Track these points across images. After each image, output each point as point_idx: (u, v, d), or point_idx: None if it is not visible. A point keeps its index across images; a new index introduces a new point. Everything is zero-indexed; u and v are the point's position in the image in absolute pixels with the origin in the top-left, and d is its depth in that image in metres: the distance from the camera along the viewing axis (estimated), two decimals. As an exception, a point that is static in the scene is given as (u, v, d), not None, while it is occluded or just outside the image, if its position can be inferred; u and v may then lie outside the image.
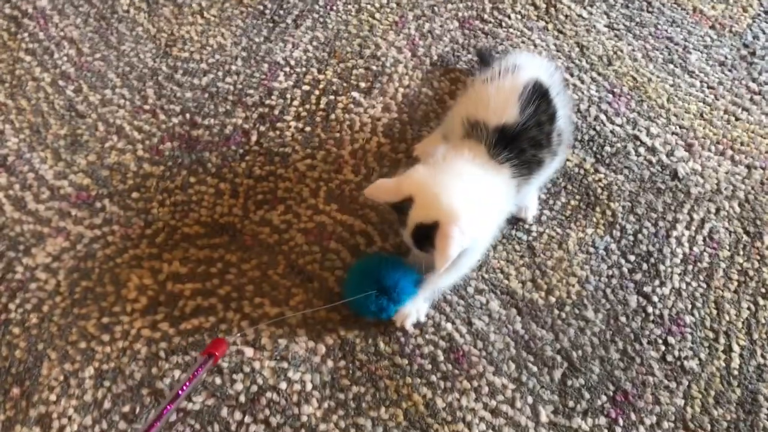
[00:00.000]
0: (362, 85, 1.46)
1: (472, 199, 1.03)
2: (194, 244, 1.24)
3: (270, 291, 1.19)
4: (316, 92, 1.45)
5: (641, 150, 1.39)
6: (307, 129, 1.39)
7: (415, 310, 1.15)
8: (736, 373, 1.16)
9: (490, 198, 1.08)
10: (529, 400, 1.12)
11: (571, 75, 1.50)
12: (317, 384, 1.11)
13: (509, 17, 1.60)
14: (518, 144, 1.08)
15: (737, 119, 1.46)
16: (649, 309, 1.21)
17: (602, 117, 1.43)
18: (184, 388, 0.97)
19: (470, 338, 1.17)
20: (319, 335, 1.15)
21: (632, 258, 1.26)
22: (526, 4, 1.63)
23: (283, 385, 1.11)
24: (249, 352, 1.13)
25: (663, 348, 1.17)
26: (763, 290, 1.24)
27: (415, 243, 1.05)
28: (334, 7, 1.59)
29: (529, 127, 1.08)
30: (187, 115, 1.39)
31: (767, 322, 1.21)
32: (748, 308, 1.22)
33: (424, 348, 1.15)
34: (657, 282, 1.24)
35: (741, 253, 1.28)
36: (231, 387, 1.10)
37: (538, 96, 1.09)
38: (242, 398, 1.09)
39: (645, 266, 1.25)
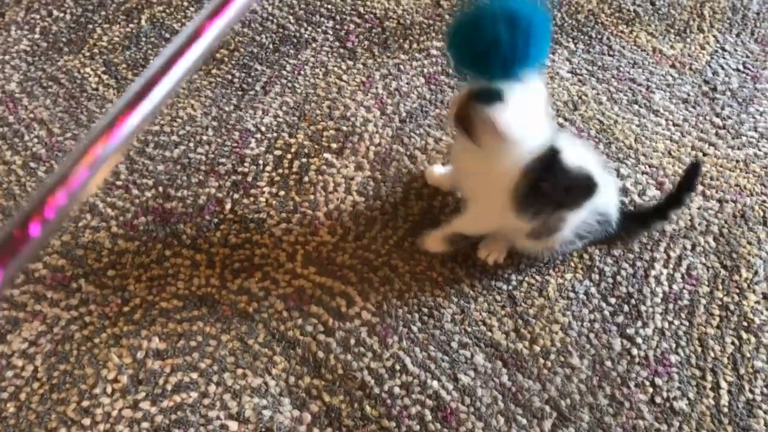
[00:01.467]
0: (334, 146, 1.47)
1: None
2: (172, 319, 1.22)
3: (252, 361, 1.18)
4: (289, 156, 1.46)
5: (613, 191, 1.40)
6: (281, 193, 1.39)
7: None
8: (726, 410, 1.15)
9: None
10: (521, 454, 1.10)
11: (539, 122, 1.52)
12: (305, 454, 1.09)
13: (474, 70, 1.62)
14: None
15: (705, 155, 1.48)
16: (634, 351, 1.20)
17: (572, 161, 1.45)
18: None
19: (457, 394, 1.15)
20: (304, 403, 1.13)
21: (613, 300, 1.26)
22: (490, 56, 1.66)
23: (270, 458, 1.09)
24: (233, 425, 1.11)
25: (651, 390, 1.16)
26: (745, 324, 1.24)
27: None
28: (302, 72, 1.62)
29: None
30: (160, 188, 1.39)
31: (752, 356, 1.20)
32: (732, 343, 1.22)
33: (411, 408, 1.14)
34: (639, 323, 1.24)
35: (720, 287, 1.29)
36: (216, 464, 1.08)
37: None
38: (229, 475, 1.07)
39: (626, 308, 1.25)
